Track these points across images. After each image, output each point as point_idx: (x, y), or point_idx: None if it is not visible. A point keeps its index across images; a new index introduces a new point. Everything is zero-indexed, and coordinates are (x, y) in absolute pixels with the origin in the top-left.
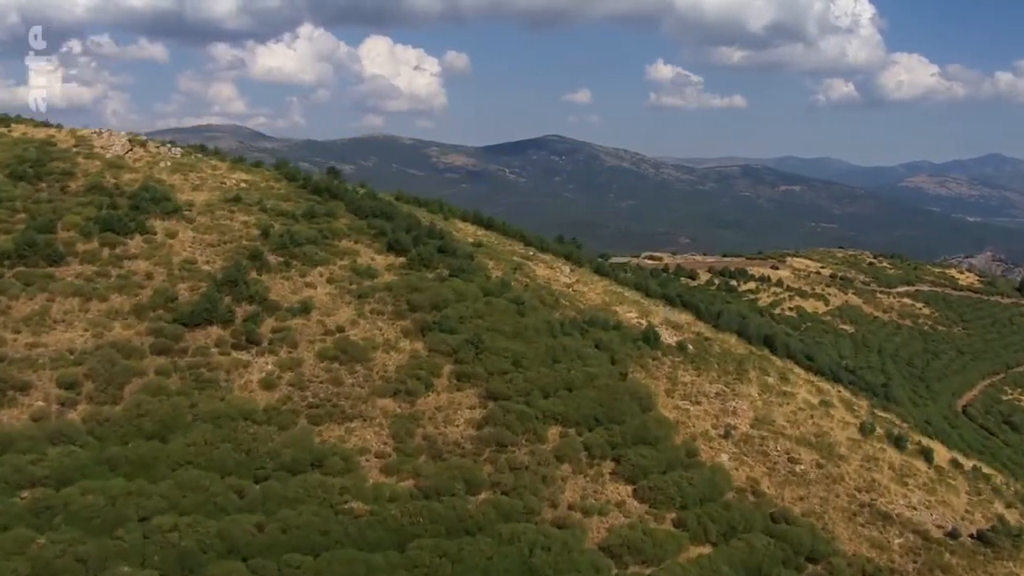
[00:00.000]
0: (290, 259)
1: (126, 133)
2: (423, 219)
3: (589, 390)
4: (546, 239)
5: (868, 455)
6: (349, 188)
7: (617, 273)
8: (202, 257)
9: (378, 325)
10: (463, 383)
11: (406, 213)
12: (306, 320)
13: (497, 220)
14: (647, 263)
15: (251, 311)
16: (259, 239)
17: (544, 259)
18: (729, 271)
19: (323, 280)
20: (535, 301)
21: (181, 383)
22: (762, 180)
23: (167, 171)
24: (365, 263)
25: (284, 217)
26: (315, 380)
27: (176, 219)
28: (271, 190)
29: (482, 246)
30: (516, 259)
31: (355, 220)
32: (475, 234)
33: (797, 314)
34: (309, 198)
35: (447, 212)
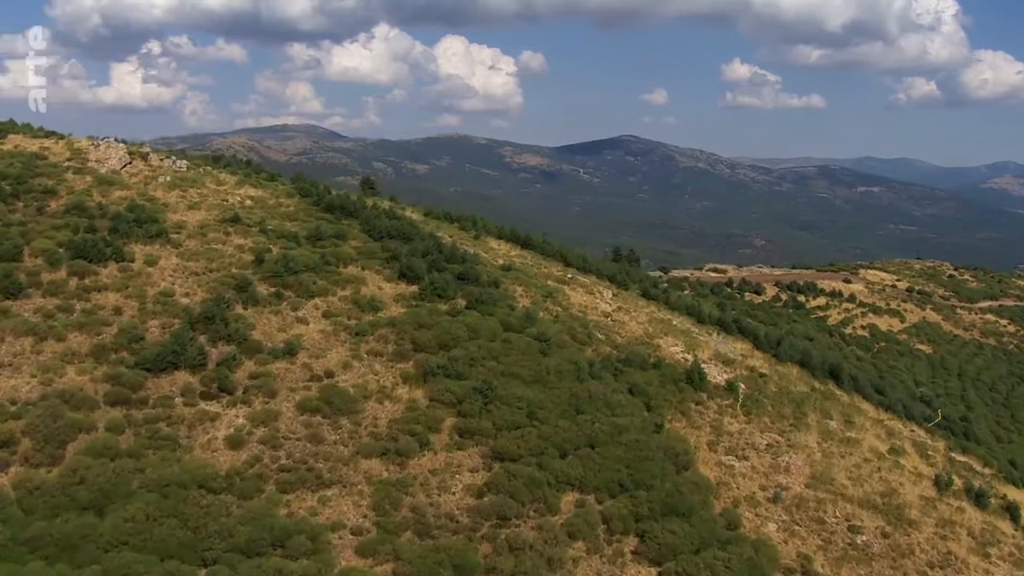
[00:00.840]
0: (283, 289)
1: (126, 145)
2: (448, 239)
3: (615, 447)
4: (589, 259)
5: (944, 518)
6: (369, 204)
7: (667, 295)
8: (182, 288)
9: (374, 369)
10: (466, 440)
11: (427, 233)
12: (290, 363)
13: (535, 238)
14: (710, 276)
15: (227, 353)
16: (251, 266)
17: (584, 282)
18: (797, 285)
19: (318, 314)
20: (564, 336)
21: (133, 441)
22: (840, 181)
23: (164, 187)
24: (369, 293)
25: (286, 239)
26: (291, 437)
27: (160, 243)
28: (279, 208)
29: (512, 270)
30: (550, 284)
31: (368, 243)
32: (508, 254)
33: (870, 333)
34: (321, 217)
35: (480, 229)
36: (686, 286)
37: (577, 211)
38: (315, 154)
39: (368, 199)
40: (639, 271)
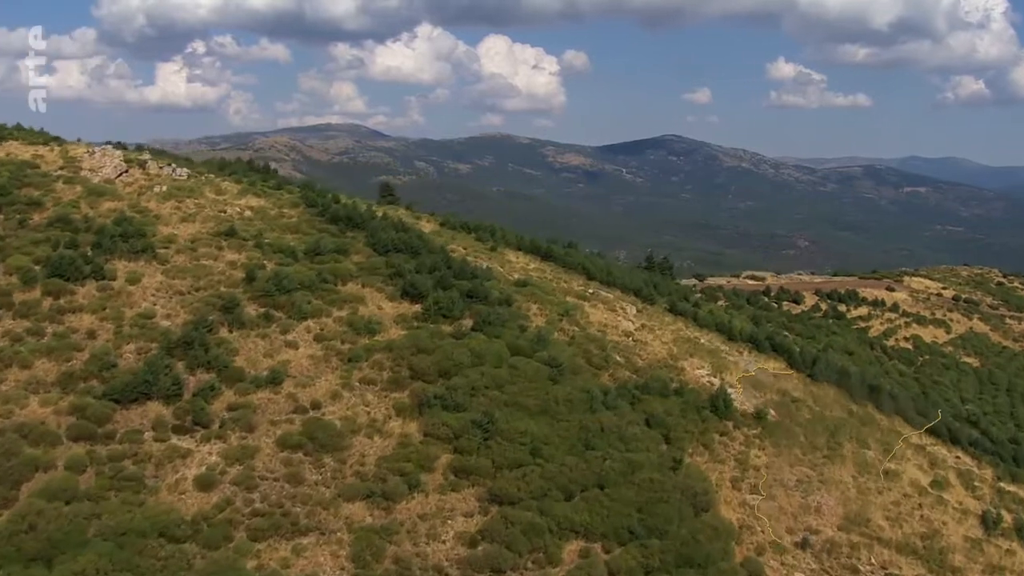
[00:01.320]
0: (273, 310)
1: (123, 152)
2: (461, 252)
3: (627, 487)
4: (615, 271)
5: (991, 563)
6: (379, 214)
7: (696, 311)
8: (164, 309)
9: (365, 399)
10: (461, 480)
11: (437, 247)
12: (274, 393)
13: (557, 249)
14: (748, 284)
15: (205, 382)
16: (241, 284)
17: (606, 298)
18: (838, 294)
19: (309, 338)
20: (578, 360)
21: (94, 481)
22: (885, 181)
23: (158, 198)
24: (368, 314)
25: (282, 255)
26: (268, 476)
27: (145, 260)
28: (280, 219)
29: (528, 285)
30: (569, 301)
31: (371, 257)
32: (527, 267)
33: (913, 345)
34: (324, 229)
35: (499, 240)
36: (721, 296)
37: (620, 211)
38: (357, 153)
39: (381, 207)
40: (669, 282)
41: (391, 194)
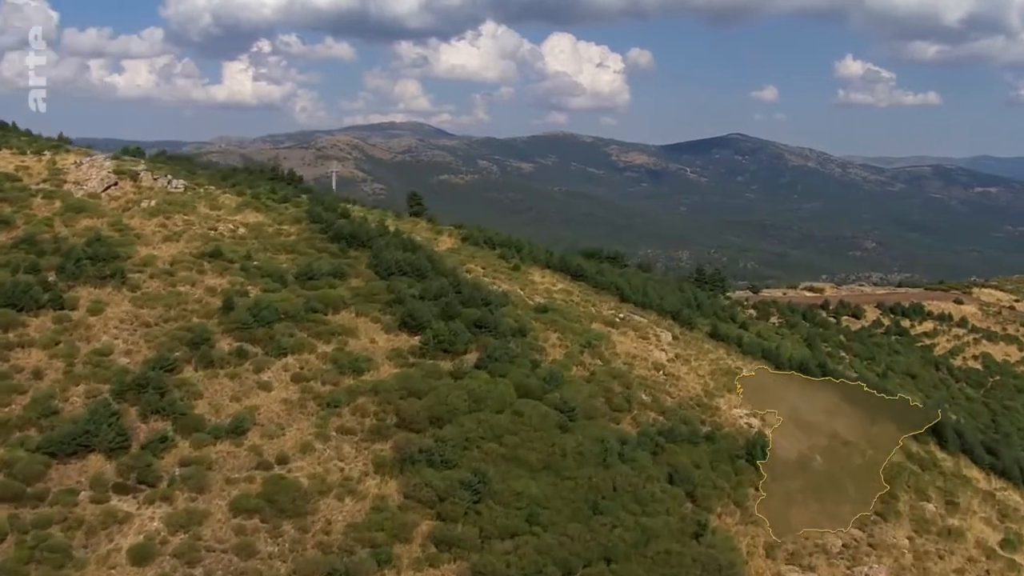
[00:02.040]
0: (250, 344)
1: (116, 162)
2: (479, 272)
3: (639, 561)
4: (651, 291)
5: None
6: (390, 230)
7: (741, 335)
8: (126, 344)
9: (341, 452)
10: (441, 554)
11: (448, 268)
12: (236, 445)
13: (589, 268)
14: (805, 297)
15: (158, 432)
16: (217, 314)
17: (639, 322)
18: (901, 307)
19: (286, 378)
20: (596, 401)
21: (13, 552)
22: (955, 181)
23: (144, 214)
24: (358, 349)
25: (270, 279)
26: (216, 548)
27: (114, 286)
28: (277, 237)
29: (549, 311)
30: (595, 328)
31: (371, 281)
32: (552, 289)
33: (983, 364)
34: (325, 248)
35: (525, 258)
36: (774, 311)
37: (683, 211)
38: (419, 152)
39: (397, 221)
40: (717, 300)
41: (419, 203)
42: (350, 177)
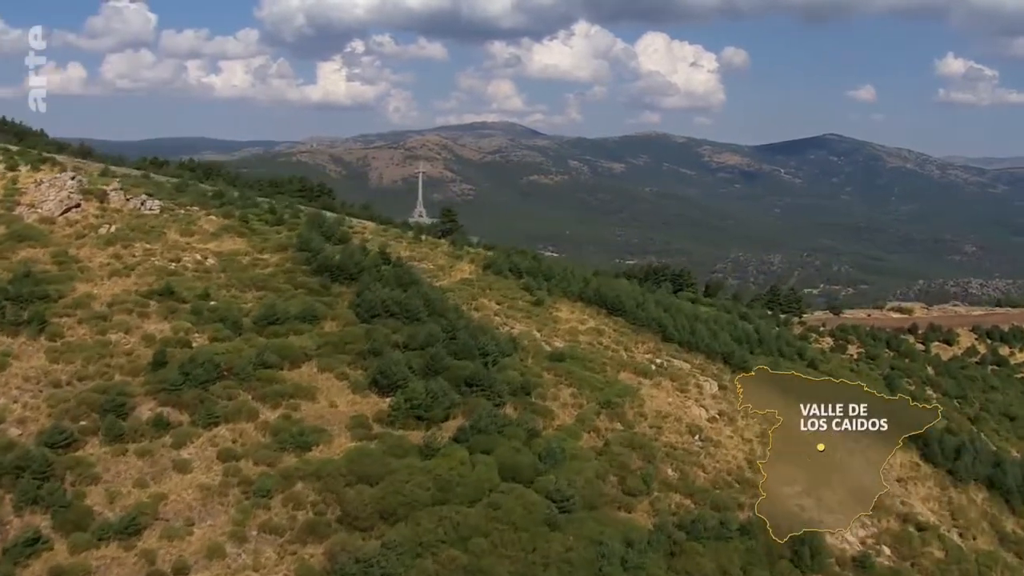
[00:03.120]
0: (176, 410)
1: (86, 180)
2: (487, 311)
3: None
4: (701, 331)
5: None
6: (389, 259)
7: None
8: (23, 410)
9: (260, 559)
10: None
11: (450, 307)
12: (124, 549)
13: (628, 302)
14: (890, 319)
15: (30, 529)
16: (145, 371)
17: (678, 370)
18: (1000, 331)
19: (210, 455)
20: (605, 483)
21: None
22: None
23: (100, 242)
24: (310, 416)
25: (224, 323)
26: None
27: (31, 333)
28: (252, 269)
29: (566, 359)
30: (623, 380)
31: (349, 326)
32: (579, 328)
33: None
34: (304, 283)
35: (554, 288)
36: (853, 338)
37: (777, 212)
38: (510, 152)
39: (424, 244)
40: (783, 333)
41: (452, 220)
42: (439, 177)
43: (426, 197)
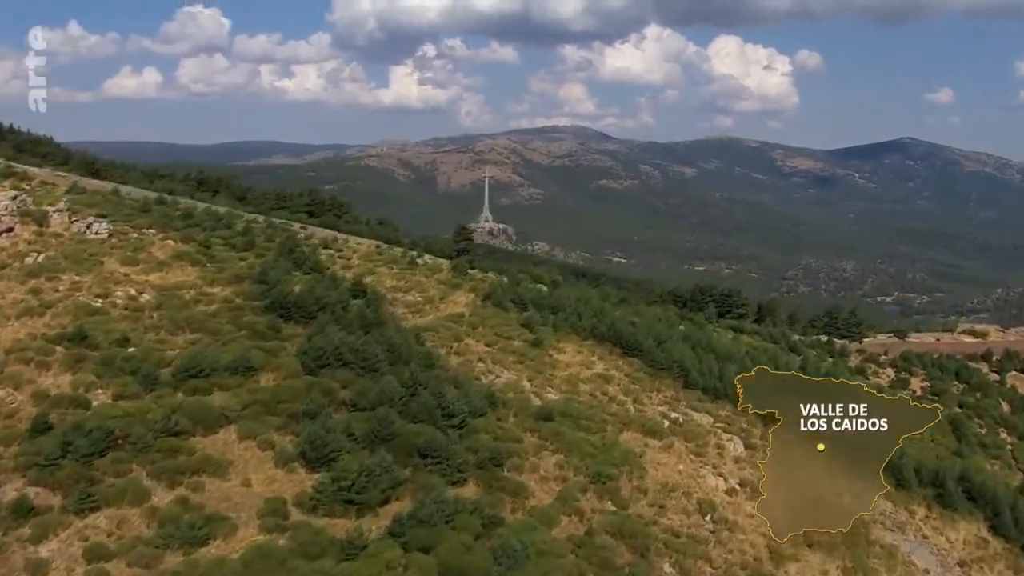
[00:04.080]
0: (49, 491)
1: (19, 204)
2: (472, 355)
3: None
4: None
5: None
6: (360, 294)
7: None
8: None
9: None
10: None
11: (422, 353)
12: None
13: (648, 342)
14: (963, 344)
15: None
16: (22, 439)
17: (697, 427)
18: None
19: (75, 551)
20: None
21: None
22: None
23: (20, 274)
24: (215, 499)
25: (137, 377)
26: None
27: None
28: (195, 305)
29: (557, 418)
30: (623, 443)
31: (291, 378)
32: (581, 374)
33: None
34: (251, 323)
35: (561, 323)
36: (918, 368)
37: (851, 218)
38: (579, 156)
39: (420, 269)
40: (839, 364)
41: (467, 238)
42: (507, 182)
43: (494, 202)
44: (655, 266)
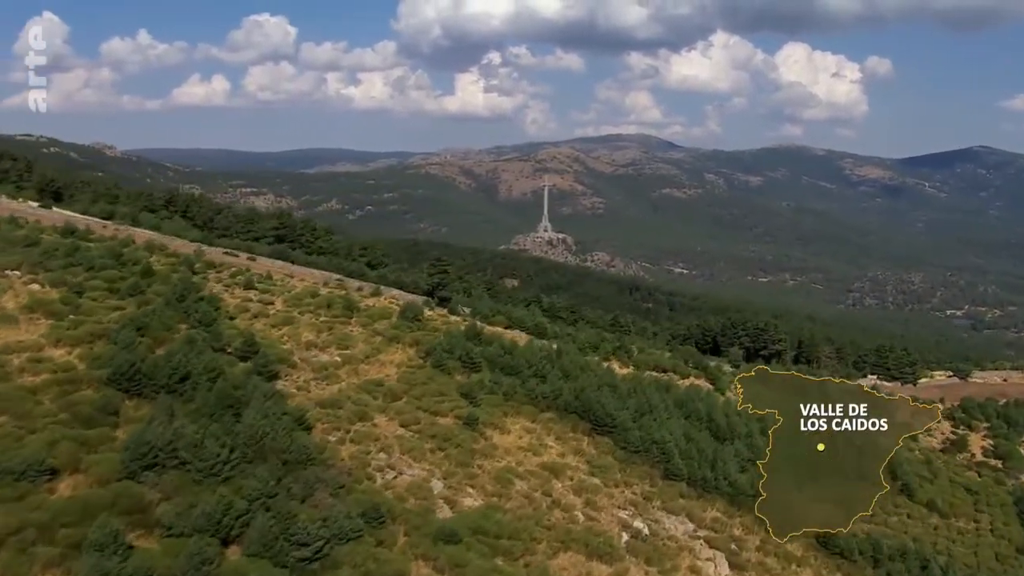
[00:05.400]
0: None
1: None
2: (364, 442)
3: None
4: (722, 462)
5: None
6: (255, 358)
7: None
8: None
9: None
10: None
11: (278, 449)
12: None
13: (622, 415)
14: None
15: None
16: None
17: (669, 539)
18: None
19: None
20: None
21: None
22: None
23: None
24: None
25: None
26: None
27: None
28: (19, 374)
29: (465, 539)
30: (558, 572)
31: (104, 482)
32: (522, 464)
33: None
34: (80, 402)
35: (517, 388)
36: (979, 421)
37: (920, 228)
38: (643, 165)
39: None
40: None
41: (443, 271)
42: (568, 190)
43: (555, 210)
44: (717, 277)
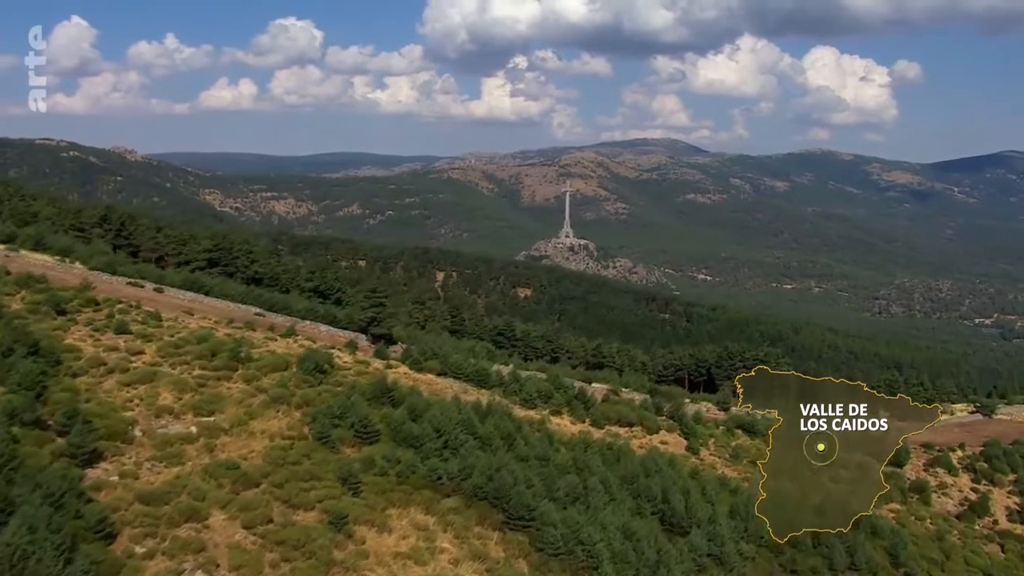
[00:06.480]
0: None
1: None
2: (171, 557)
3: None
4: (671, 557)
5: None
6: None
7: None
8: None
9: None
10: None
11: (78, 570)
12: None
13: (542, 505)
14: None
15: None
16: None
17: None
18: None
19: None
20: None
21: None
22: None
23: None
24: None
25: None
26: None
27: None
28: None
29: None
30: None
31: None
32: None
33: None
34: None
35: (417, 467)
36: (1004, 475)
37: (949, 234)
38: (668, 170)
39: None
40: (892, 482)
41: (379, 303)
42: (592, 196)
43: (579, 216)
44: (742, 284)
